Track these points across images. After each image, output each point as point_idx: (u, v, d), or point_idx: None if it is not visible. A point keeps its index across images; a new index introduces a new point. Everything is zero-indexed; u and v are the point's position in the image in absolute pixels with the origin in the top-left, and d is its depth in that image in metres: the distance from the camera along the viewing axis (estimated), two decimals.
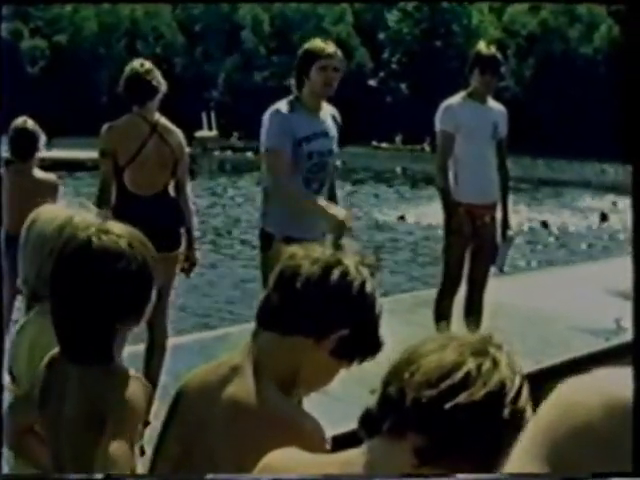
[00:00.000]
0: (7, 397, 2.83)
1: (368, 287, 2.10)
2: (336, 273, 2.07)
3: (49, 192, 6.39)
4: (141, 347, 6.00)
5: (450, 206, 6.61)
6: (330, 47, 5.36)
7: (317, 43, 5.41)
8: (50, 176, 6.67)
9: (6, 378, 2.88)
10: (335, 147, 5.45)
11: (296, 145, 5.20)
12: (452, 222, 6.58)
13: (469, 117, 6.55)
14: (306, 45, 5.40)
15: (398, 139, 53.17)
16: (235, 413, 2.06)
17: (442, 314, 6.57)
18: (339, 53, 5.41)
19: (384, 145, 54.30)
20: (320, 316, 2.07)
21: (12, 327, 6.26)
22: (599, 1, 53.82)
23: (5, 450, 2.64)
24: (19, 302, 6.40)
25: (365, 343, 2.12)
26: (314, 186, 5.30)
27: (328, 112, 5.49)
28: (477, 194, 6.59)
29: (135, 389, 2.22)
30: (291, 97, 5.32)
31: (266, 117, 5.28)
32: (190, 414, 2.15)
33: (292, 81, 5.39)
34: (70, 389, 2.27)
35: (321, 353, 2.09)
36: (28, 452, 2.58)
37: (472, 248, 6.70)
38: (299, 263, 2.09)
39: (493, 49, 6.70)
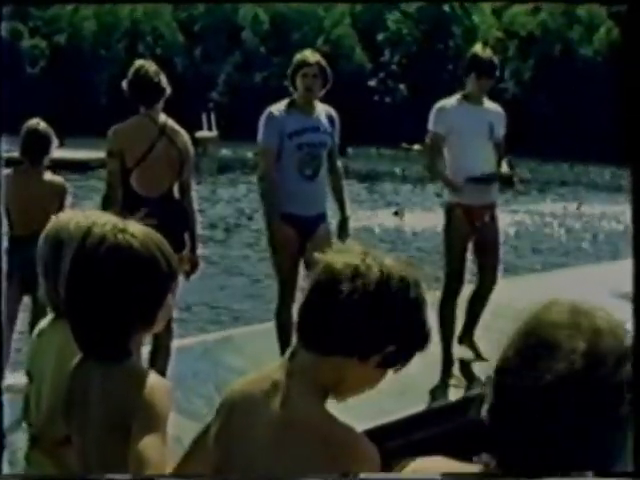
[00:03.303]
0: (18, 398, 2.83)
1: (413, 294, 1.98)
2: (382, 288, 1.95)
3: (57, 195, 6.38)
4: (146, 349, 5.99)
5: (448, 207, 6.74)
6: (312, 57, 6.21)
7: (302, 54, 6.26)
8: (58, 178, 6.57)
9: (23, 379, 2.88)
10: (329, 140, 6.30)
11: (287, 138, 6.12)
12: (450, 223, 6.71)
13: (463, 119, 6.61)
14: (295, 57, 6.27)
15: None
16: (283, 429, 1.97)
17: (446, 315, 6.68)
18: (321, 62, 6.22)
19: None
20: (364, 336, 1.96)
21: (16, 325, 6.28)
22: (600, 1, 53.77)
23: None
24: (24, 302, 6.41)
25: (413, 350, 2.03)
26: (307, 172, 6.17)
27: (323, 111, 6.35)
28: (474, 195, 6.63)
29: (157, 389, 2.21)
30: (288, 99, 6.24)
31: (261, 118, 6.21)
32: (231, 424, 2.08)
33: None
34: (93, 393, 2.27)
35: (366, 367, 1.99)
36: (64, 463, 2.57)
37: (476, 249, 6.79)
38: (338, 273, 1.95)
39: (489, 52, 6.74)
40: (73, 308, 2.30)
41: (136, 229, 2.29)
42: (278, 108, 6.21)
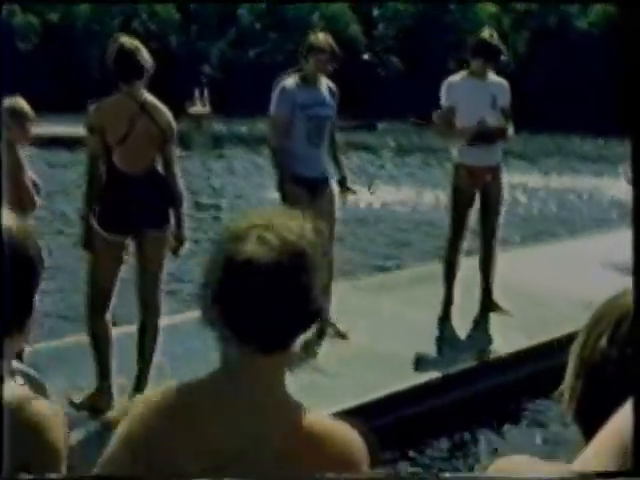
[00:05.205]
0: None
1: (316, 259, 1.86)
2: (299, 259, 1.81)
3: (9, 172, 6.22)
4: (134, 327, 5.97)
5: (454, 167, 7.69)
6: (325, 43, 7.13)
7: (316, 38, 7.16)
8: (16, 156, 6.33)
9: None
10: (332, 113, 7.30)
11: (298, 110, 7.07)
12: (455, 182, 7.64)
13: (468, 92, 7.51)
14: (309, 37, 7.22)
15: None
16: (272, 433, 1.82)
17: (451, 263, 7.73)
18: (333, 47, 7.15)
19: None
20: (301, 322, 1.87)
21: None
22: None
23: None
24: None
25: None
26: (315, 140, 7.18)
27: (325, 84, 7.29)
28: (477, 157, 7.54)
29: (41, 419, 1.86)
30: (297, 73, 7.18)
31: (274, 90, 7.13)
32: (205, 433, 1.85)
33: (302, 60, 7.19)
34: None
35: None
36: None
37: (480, 205, 7.70)
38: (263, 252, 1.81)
39: (496, 38, 7.62)
40: None
41: (5, 214, 1.85)
42: (290, 82, 7.15)
